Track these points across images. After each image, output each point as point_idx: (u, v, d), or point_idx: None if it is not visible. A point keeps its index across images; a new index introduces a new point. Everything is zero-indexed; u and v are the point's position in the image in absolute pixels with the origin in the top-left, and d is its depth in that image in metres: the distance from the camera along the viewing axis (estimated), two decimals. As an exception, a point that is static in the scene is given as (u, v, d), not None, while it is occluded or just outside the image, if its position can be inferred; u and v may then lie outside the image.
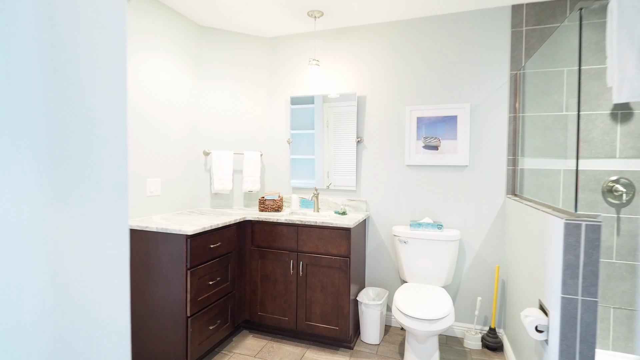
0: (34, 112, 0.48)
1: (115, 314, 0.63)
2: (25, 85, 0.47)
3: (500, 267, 2.32)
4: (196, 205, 2.67)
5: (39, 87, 0.50)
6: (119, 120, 0.63)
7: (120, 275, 0.65)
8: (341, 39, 2.66)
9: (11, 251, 0.46)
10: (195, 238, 1.90)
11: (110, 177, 0.63)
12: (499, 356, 2.18)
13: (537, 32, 2.22)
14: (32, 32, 0.49)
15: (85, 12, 0.56)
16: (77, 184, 0.56)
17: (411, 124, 2.47)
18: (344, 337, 2.17)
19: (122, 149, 0.65)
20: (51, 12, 0.51)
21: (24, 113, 0.47)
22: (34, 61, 0.49)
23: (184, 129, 2.52)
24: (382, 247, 2.59)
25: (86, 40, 0.56)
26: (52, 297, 0.52)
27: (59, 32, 0.52)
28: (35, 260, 0.50)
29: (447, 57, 2.40)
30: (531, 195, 2.03)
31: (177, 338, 1.87)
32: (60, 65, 0.52)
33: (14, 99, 0.46)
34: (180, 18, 2.45)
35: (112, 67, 0.61)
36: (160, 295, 1.90)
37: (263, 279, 2.35)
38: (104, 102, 0.60)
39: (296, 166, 2.79)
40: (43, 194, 0.50)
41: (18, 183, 0.46)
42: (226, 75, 2.74)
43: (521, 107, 2.24)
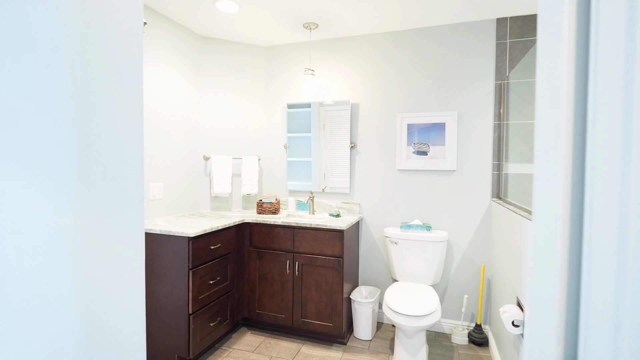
0: (69, 136, 0.60)
1: (134, 305, 0.75)
2: (63, 114, 0.59)
3: (486, 266, 2.45)
4: (197, 208, 2.78)
5: (74, 115, 0.61)
6: (137, 141, 0.75)
7: (138, 274, 0.77)
8: (335, 48, 2.77)
9: (53, 253, 0.58)
10: (197, 240, 2.01)
11: (130, 191, 0.75)
12: (484, 351, 2.31)
13: (520, 44, 2.34)
14: (68, 69, 0.61)
15: (110, 52, 0.68)
16: (104, 197, 0.68)
17: (402, 130, 2.59)
18: (337, 333, 2.29)
19: (139, 166, 0.76)
20: (83, 60, 0.63)
21: (62, 137, 0.59)
22: (69, 93, 0.61)
23: (185, 135, 2.64)
24: (374, 248, 2.72)
25: (111, 72, 0.68)
26: (84, 290, 0.64)
27: (89, 71, 0.64)
28: (72, 260, 0.62)
29: (436, 67, 2.53)
30: (514, 199, 2.16)
31: (179, 334, 1.99)
32: (90, 96, 0.64)
33: (53, 126, 0.58)
34: (181, 29, 2.56)
35: (132, 97, 0.73)
36: (164, 293, 2.01)
37: (261, 279, 2.47)
38: (125, 126, 0.72)
39: (293, 169, 2.91)
40: (78, 206, 0.62)
41: (59, 196, 0.58)
42: (225, 83, 2.85)
43: (505, 115, 2.37)
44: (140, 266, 0.77)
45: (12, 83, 0.51)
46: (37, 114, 0.54)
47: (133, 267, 0.75)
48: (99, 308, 0.67)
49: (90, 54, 0.63)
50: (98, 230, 0.67)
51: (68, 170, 0.60)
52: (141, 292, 0.77)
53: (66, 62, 0.58)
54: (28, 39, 0.52)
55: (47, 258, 0.56)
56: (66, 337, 0.60)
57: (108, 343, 0.69)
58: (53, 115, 0.56)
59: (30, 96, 0.53)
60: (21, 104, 0.52)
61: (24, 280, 0.53)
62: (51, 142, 0.56)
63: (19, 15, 0.51)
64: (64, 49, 0.58)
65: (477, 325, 2.40)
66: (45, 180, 0.56)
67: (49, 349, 0.57)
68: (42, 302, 0.56)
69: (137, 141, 0.75)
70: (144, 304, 0.78)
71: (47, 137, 0.56)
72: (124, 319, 0.73)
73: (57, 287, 0.58)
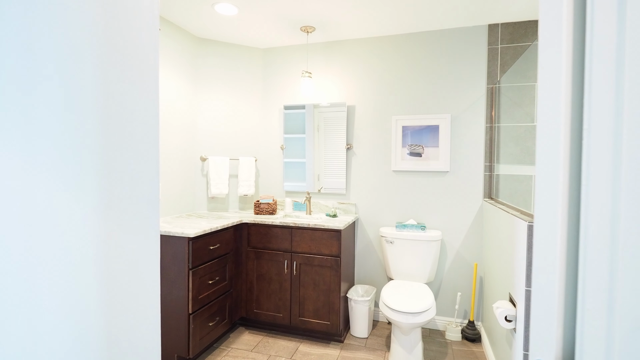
0: (93, 138, 0.63)
1: (150, 302, 0.78)
2: (89, 115, 0.62)
3: (478, 264, 2.53)
4: (194, 208, 2.79)
5: (98, 116, 0.64)
6: (153, 144, 0.78)
7: (154, 272, 0.80)
8: (332, 51, 2.82)
9: (77, 251, 0.60)
10: (197, 240, 2.03)
11: (146, 193, 0.78)
12: (477, 346, 2.38)
13: (510, 50, 2.42)
14: (92, 71, 0.64)
15: (129, 57, 0.71)
16: (123, 199, 0.71)
17: (397, 132, 2.65)
18: (334, 332, 2.33)
19: (155, 170, 0.79)
20: (105, 64, 0.66)
21: (88, 138, 0.62)
22: (94, 94, 0.64)
23: (182, 136, 2.65)
24: (370, 247, 2.77)
25: (129, 82, 0.71)
26: (105, 288, 0.67)
27: (110, 74, 0.67)
28: (94, 258, 0.64)
29: (430, 70, 2.60)
30: (505, 199, 2.24)
31: (179, 334, 2.00)
32: (111, 98, 0.67)
33: (81, 133, 0.61)
34: (179, 30, 2.57)
35: (149, 100, 0.76)
36: (164, 293, 2.03)
37: (259, 278, 2.50)
38: (142, 129, 0.75)
39: (289, 170, 2.94)
40: (100, 206, 0.65)
41: (84, 196, 0.61)
42: (222, 84, 2.87)
43: (497, 118, 2.45)
44: (156, 265, 0.80)
45: (45, 85, 0.53)
46: (66, 114, 0.57)
47: (150, 265, 0.78)
48: (119, 304, 0.70)
49: (111, 58, 0.66)
50: (118, 229, 0.70)
51: (92, 171, 0.63)
52: (156, 290, 0.80)
53: (90, 64, 0.61)
54: (54, 41, 0.55)
55: (72, 256, 0.59)
56: (90, 332, 0.63)
57: (126, 339, 0.72)
58: (81, 116, 0.59)
59: (60, 98, 0.56)
60: (52, 106, 0.55)
61: (51, 278, 0.55)
62: (78, 142, 0.59)
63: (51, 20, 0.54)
64: (88, 51, 0.61)
65: (470, 321, 2.47)
66: (71, 180, 0.58)
67: (74, 343, 0.59)
68: (68, 299, 0.58)
69: (153, 143, 0.78)
70: (159, 301, 0.81)
71: (74, 138, 0.58)
72: (141, 316, 0.76)
73: (81, 284, 0.61)
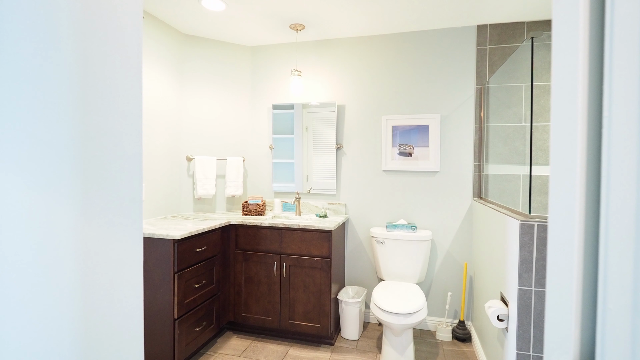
0: (69, 134, 0.57)
1: (133, 306, 0.72)
2: (64, 118, 0.56)
3: (468, 264, 2.53)
4: (179, 210, 2.71)
5: (74, 112, 0.59)
6: (136, 144, 0.73)
7: (136, 274, 0.74)
8: (322, 50, 2.79)
9: (51, 252, 0.55)
10: (182, 242, 1.96)
11: (129, 190, 0.72)
12: (467, 346, 2.38)
13: (499, 51, 2.44)
14: (68, 64, 0.59)
15: (110, 54, 0.66)
16: (103, 197, 0.65)
17: (387, 132, 2.63)
18: (325, 334, 2.29)
19: (138, 167, 0.74)
20: (84, 64, 0.61)
21: (63, 134, 0.56)
22: (70, 89, 0.58)
23: (167, 135, 2.56)
24: (360, 248, 2.74)
25: (110, 72, 0.65)
26: (83, 293, 0.61)
27: (88, 68, 0.62)
28: (71, 260, 0.59)
29: (420, 70, 2.59)
30: (495, 199, 2.24)
31: (164, 340, 1.92)
32: (89, 95, 0.61)
33: (55, 126, 0.55)
34: (164, 26, 2.49)
35: (131, 96, 0.71)
36: (148, 298, 1.94)
37: (247, 281, 2.43)
38: (124, 124, 0.70)
39: (278, 170, 2.89)
40: (76, 204, 0.59)
41: (58, 195, 0.55)
42: (209, 82, 2.80)
43: (486, 118, 2.46)
44: (139, 268, 0.75)
45: (11, 78, 0.48)
46: (38, 110, 0.51)
47: (132, 268, 0.72)
48: (98, 311, 0.64)
49: (91, 49, 0.60)
50: (98, 230, 0.64)
51: (68, 168, 0.57)
52: (139, 295, 0.75)
53: (67, 56, 0.56)
54: (27, 30, 0.50)
55: (46, 258, 0.53)
56: (64, 342, 0.57)
57: (107, 347, 0.66)
58: (55, 108, 0.54)
59: (30, 92, 0.50)
60: (21, 100, 0.49)
61: (21, 282, 0.50)
62: (52, 137, 0.54)
63: (18, 7, 0.49)
64: (64, 42, 0.55)
65: (461, 321, 2.47)
66: (43, 178, 0.53)
67: (46, 351, 0.54)
68: (40, 304, 0.53)
69: (135, 142, 0.73)
70: (142, 307, 0.75)
71: (47, 132, 0.53)
72: (123, 322, 0.70)
73: (56, 288, 0.55)
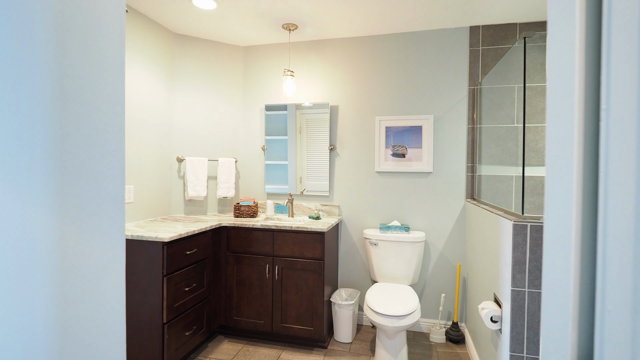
0: (44, 132, 0.54)
1: (114, 311, 0.69)
2: (38, 109, 0.53)
3: (462, 265, 2.52)
4: (170, 212, 2.66)
5: (49, 110, 0.56)
6: (117, 137, 0.70)
7: (118, 276, 0.71)
8: (315, 50, 2.77)
9: (24, 254, 0.51)
10: (172, 245, 1.92)
11: (110, 189, 0.69)
12: (461, 348, 2.36)
13: (491, 52, 2.45)
14: (45, 61, 0.55)
15: (90, 43, 0.63)
16: (81, 196, 0.62)
17: (380, 133, 2.62)
18: (318, 337, 2.26)
19: (120, 164, 0.71)
20: (62, 49, 0.58)
21: (37, 133, 0.53)
22: (45, 86, 0.55)
23: (157, 135, 2.52)
24: (354, 250, 2.72)
25: (90, 65, 0.62)
26: (57, 297, 0.57)
27: (67, 60, 0.59)
28: (45, 262, 0.55)
29: (413, 71, 2.59)
30: (488, 200, 2.24)
31: (153, 345, 1.87)
32: (67, 89, 0.58)
33: (28, 121, 0.52)
34: (154, 25, 2.45)
35: (113, 89, 0.67)
36: (136, 302, 1.90)
37: (239, 284, 2.40)
38: (105, 120, 0.67)
39: (271, 172, 2.86)
40: (52, 203, 0.56)
41: (30, 193, 0.52)
42: (201, 82, 2.76)
43: (478, 119, 2.46)
44: (121, 271, 0.71)
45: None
46: (9, 102, 0.48)
47: (114, 271, 0.69)
48: (78, 314, 0.61)
49: (70, 40, 0.57)
50: (76, 230, 0.61)
51: (42, 165, 0.54)
52: (122, 298, 0.71)
53: (42, 45, 0.53)
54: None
55: (17, 260, 0.50)
56: (39, 351, 0.54)
57: (87, 354, 0.63)
58: (27, 105, 0.51)
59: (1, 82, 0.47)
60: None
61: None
62: (25, 134, 0.51)
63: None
64: (39, 30, 0.52)
65: (454, 323, 2.46)
66: (14, 175, 0.50)
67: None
68: (12, 310, 0.49)
69: (118, 137, 0.70)
70: (124, 312, 0.72)
71: (20, 128, 0.50)
72: (104, 326, 0.67)
73: (29, 293, 0.52)
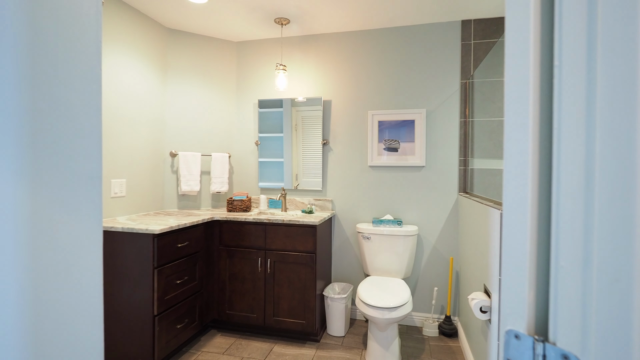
0: (14, 107, 0.54)
1: (89, 294, 0.69)
2: (6, 82, 0.53)
3: (454, 259, 2.52)
4: (163, 206, 2.66)
5: (20, 84, 0.56)
6: (94, 115, 0.70)
7: (95, 260, 0.70)
8: (307, 45, 2.78)
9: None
10: (162, 237, 1.92)
11: (86, 167, 0.69)
12: (453, 341, 2.36)
13: (483, 45, 2.45)
14: (14, 34, 0.55)
15: (65, 17, 0.63)
16: (56, 173, 0.62)
17: (373, 127, 2.63)
18: (310, 331, 2.26)
19: (97, 141, 0.71)
20: (33, 20, 0.58)
21: (6, 107, 0.53)
22: (14, 59, 0.55)
23: (150, 130, 2.52)
24: (347, 244, 2.72)
25: (65, 40, 0.62)
26: (30, 282, 0.57)
27: (39, 34, 0.59)
28: (16, 244, 0.55)
29: (405, 65, 2.59)
30: (480, 193, 2.24)
31: (144, 337, 1.87)
32: (40, 64, 0.58)
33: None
34: (147, 20, 2.46)
35: (88, 65, 0.67)
36: (126, 294, 1.89)
37: (231, 278, 2.40)
38: (80, 97, 0.67)
39: (265, 168, 2.86)
40: (24, 181, 0.56)
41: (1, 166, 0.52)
42: (193, 77, 2.76)
43: (470, 112, 2.46)
44: (98, 246, 0.71)
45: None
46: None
47: (90, 245, 0.69)
48: (50, 287, 0.61)
49: (43, 14, 0.57)
50: (49, 208, 0.61)
51: (12, 139, 0.54)
52: (99, 272, 0.71)
53: (13, 19, 0.53)
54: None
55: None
56: (10, 326, 0.54)
57: (61, 337, 0.63)
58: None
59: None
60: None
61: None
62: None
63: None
64: (10, 1, 0.52)
65: (447, 316, 2.46)
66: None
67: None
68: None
69: (94, 116, 0.70)
70: (101, 285, 0.71)
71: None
72: (77, 313, 0.66)
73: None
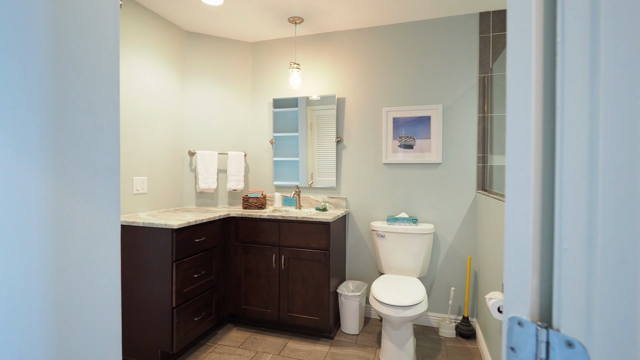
0: (41, 103, 0.57)
1: (108, 281, 0.72)
2: (34, 81, 0.57)
3: (472, 258, 2.47)
4: (181, 203, 2.73)
5: (45, 82, 0.59)
6: (112, 111, 0.73)
7: (113, 245, 0.74)
8: (321, 43, 2.78)
9: (23, 222, 0.55)
10: (181, 232, 1.97)
11: (105, 160, 0.72)
12: (471, 343, 2.31)
13: (502, 38, 2.39)
14: (40, 37, 0.58)
15: (85, 21, 0.66)
16: (77, 165, 0.65)
17: (387, 124, 2.60)
18: (324, 327, 2.27)
19: (115, 135, 0.74)
20: (56, 24, 0.61)
21: (33, 103, 0.56)
22: (40, 60, 0.59)
23: (169, 130, 2.60)
24: (361, 242, 2.71)
25: (85, 41, 0.66)
26: (54, 267, 0.60)
27: (62, 36, 0.62)
28: (42, 221, 0.59)
29: (421, 61, 2.56)
30: (500, 190, 2.18)
31: (163, 328, 1.93)
32: (63, 63, 0.61)
33: (24, 93, 0.56)
34: (166, 23, 2.53)
35: (107, 64, 0.71)
36: (147, 287, 1.96)
37: (247, 273, 2.43)
38: (100, 94, 0.70)
39: (280, 167, 2.89)
40: (48, 172, 0.60)
41: (28, 160, 0.55)
42: (210, 78, 2.83)
43: (489, 107, 2.40)
44: (116, 236, 0.74)
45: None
46: (8, 73, 0.52)
47: (109, 234, 0.72)
48: (72, 271, 0.64)
49: (66, 16, 0.61)
50: (71, 197, 0.64)
51: (39, 134, 0.57)
52: (116, 260, 0.74)
53: (40, 21, 0.56)
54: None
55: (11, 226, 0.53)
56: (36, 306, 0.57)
57: (80, 318, 0.66)
58: (26, 75, 0.54)
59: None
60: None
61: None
62: (23, 104, 0.54)
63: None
64: (37, 3, 0.56)
65: (465, 317, 2.41)
66: (14, 143, 0.53)
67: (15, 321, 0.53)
68: (12, 266, 0.53)
69: (112, 111, 0.73)
70: (119, 272, 0.75)
71: (18, 98, 0.53)
72: (96, 296, 0.70)
73: (27, 250, 0.55)
